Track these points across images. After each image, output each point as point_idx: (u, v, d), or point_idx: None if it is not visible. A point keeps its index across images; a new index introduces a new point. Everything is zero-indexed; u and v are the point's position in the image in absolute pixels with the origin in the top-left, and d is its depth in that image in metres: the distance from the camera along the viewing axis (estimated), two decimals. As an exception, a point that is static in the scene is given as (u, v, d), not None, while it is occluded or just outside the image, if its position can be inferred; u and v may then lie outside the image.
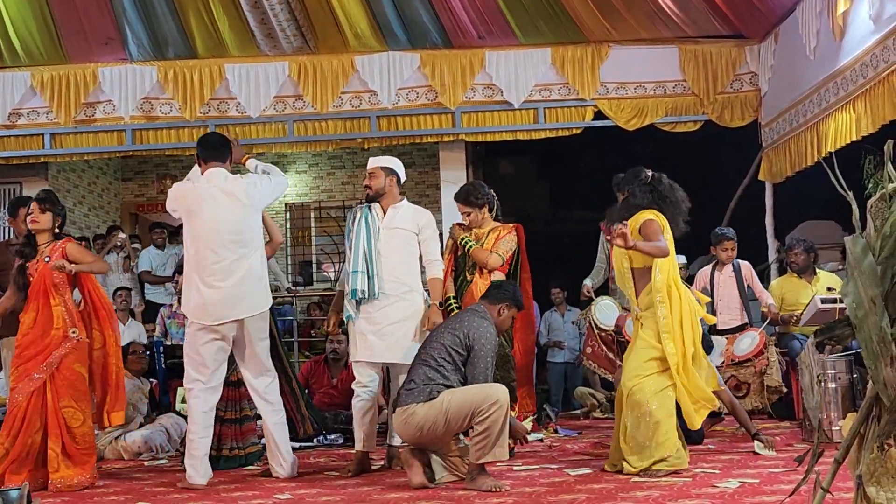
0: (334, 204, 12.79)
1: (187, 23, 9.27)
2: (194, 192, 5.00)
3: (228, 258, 4.86)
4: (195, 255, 4.92)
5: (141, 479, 5.31)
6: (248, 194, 4.96)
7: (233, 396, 5.64)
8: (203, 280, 4.86)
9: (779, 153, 8.89)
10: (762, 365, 6.14)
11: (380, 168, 5.34)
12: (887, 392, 2.27)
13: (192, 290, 4.92)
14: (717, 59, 9.33)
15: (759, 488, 4.01)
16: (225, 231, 4.88)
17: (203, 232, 4.90)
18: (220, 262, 4.86)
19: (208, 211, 4.90)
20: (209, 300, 4.85)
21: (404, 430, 4.59)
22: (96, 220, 12.12)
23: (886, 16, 6.55)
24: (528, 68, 9.41)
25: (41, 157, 9.84)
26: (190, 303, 4.94)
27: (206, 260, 4.87)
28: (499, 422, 4.34)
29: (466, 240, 5.77)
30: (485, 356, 4.59)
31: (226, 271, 4.85)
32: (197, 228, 4.93)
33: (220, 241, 4.87)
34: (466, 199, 5.81)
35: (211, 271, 4.85)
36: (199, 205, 4.93)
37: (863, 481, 2.30)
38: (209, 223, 4.89)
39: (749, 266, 6.75)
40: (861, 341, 2.33)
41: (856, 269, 2.33)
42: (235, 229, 4.91)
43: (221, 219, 4.89)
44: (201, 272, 4.87)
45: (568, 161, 15.48)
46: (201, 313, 4.88)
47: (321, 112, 9.49)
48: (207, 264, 4.86)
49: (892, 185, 2.36)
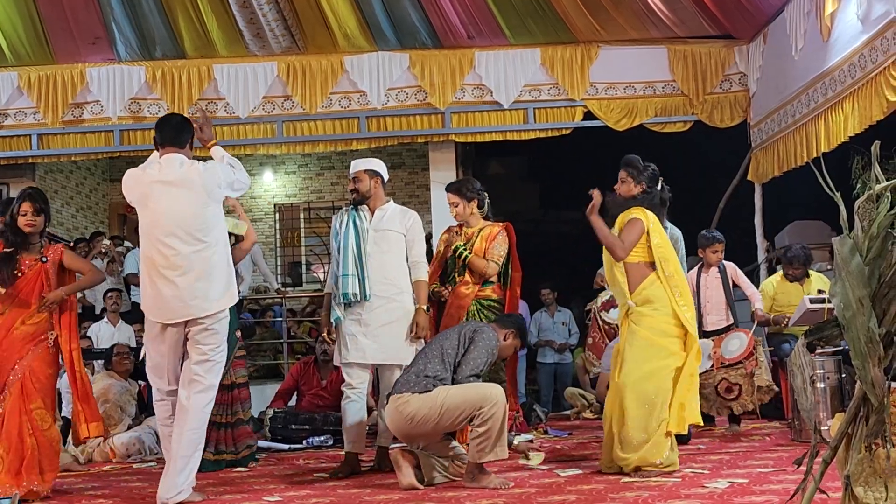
0: (323, 205, 12.77)
1: (175, 22, 9.23)
2: (145, 179, 4.52)
3: (184, 251, 4.41)
4: (147, 248, 4.49)
5: (129, 482, 5.29)
6: (204, 182, 4.46)
7: (225, 400, 5.61)
8: (160, 274, 4.44)
9: (767, 154, 8.92)
10: (752, 367, 6.15)
11: (363, 171, 5.32)
12: (875, 392, 2.28)
13: (147, 285, 4.52)
14: (706, 59, 9.36)
15: (749, 488, 4.02)
16: (180, 222, 4.42)
17: (155, 222, 4.46)
18: (176, 255, 4.41)
19: (159, 200, 4.45)
20: (166, 296, 4.41)
21: (395, 418, 4.57)
22: (84, 221, 12.07)
23: (874, 16, 6.57)
24: (517, 68, 9.42)
25: (28, 158, 9.79)
26: (146, 300, 4.54)
27: (159, 253, 4.46)
28: (498, 421, 4.39)
29: (462, 249, 5.73)
30: (480, 351, 4.63)
31: (181, 266, 4.40)
32: (147, 219, 4.50)
33: (173, 232, 4.41)
34: (458, 190, 5.84)
35: (166, 265, 4.41)
36: (150, 193, 4.48)
37: (851, 481, 2.30)
38: (160, 213, 4.45)
39: (734, 266, 6.76)
40: (849, 341, 2.33)
41: (844, 269, 2.33)
42: (191, 220, 4.44)
43: (176, 209, 4.42)
44: (155, 266, 4.45)
45: (558, 161, 15.51)
46: (156, 310, 4.48)
47: (310, 112, 9.47)
48: (161, 257, 4.42)
49: (879, 186, 2.36)
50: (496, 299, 5.70)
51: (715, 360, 6.27)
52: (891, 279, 2.32)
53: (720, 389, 6.21)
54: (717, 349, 6.31)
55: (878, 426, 2.32)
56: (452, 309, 5.64)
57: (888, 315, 2.33)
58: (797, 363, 5.39)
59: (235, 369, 5.72)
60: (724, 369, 6.23)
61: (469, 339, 4.69)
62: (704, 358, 6.28)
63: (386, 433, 5.23)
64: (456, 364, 4.62)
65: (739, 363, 6.18)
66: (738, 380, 6.17)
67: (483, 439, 4.39)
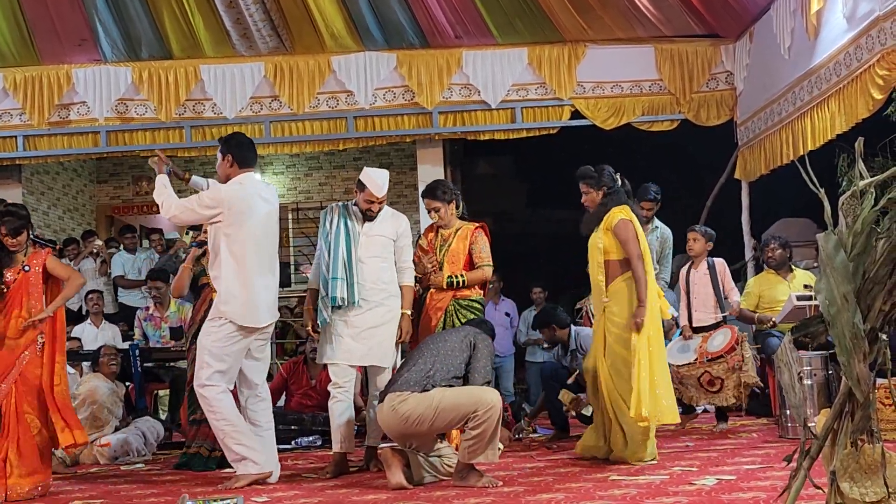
0: (312, 205, 12.74)
1: (161, 23, 9.19)
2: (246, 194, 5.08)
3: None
4: (254, 255, 5.03)
5: (117, 483, 5.27)
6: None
7: None
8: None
9: (754, 152, 8.95)
10: (735, 361, 6.17)
11: (385, 195, 5.30)
12: (860, 388, 2.29)
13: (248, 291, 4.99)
14: (692, 58, 9.38)
15: (736, 485, 4.03)
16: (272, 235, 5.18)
17: (259, 233, 5.05)
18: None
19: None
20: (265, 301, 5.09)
21: (390, 416, 4.55)
22: (71, 222, 12.01)
23: (859, 14, 6.60)
24: (505, 68, 9.42)
25: (15, 160, 9.71)
26: (242, 306, 4.98)
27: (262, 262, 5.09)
28: (493, 425, 4.43)
29: (455, 279, 5.56)
30: (487, 359, 4.72)
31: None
32: (252, 229, 5.03)
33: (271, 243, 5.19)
34: (435, 194, 5.64)
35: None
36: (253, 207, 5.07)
37: (837, 477, 2.31)
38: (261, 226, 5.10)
39: (723, 263, 6.78)
40: (834, 338, 2.34)
41: (828, 265, 2.34)
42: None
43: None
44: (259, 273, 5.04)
45: (546, 160, 15.51)
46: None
47: (298, 113, 9.45)
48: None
49: (863, 183, 2.37)
50: (475, 299, 5.62)
51: (699, 353, 6.30)
52: (875, 275, 2.32)
53: (703, 381, 6.24)
54: (703, 344, 6.35)
55: (863, 422, 2.33)
56: (431, 310, 5.59)
57: (873, 311, 2.33)
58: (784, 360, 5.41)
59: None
60: (706, 363, 6.26)
61: (472, 345, 4.72)
62: (690, 351, 6.34)
63: (375, 433, 5.23)
64: (465, 369, 4.67)
65: (721, 357, 6.20)
66: (721, 374, 6.20)
67: (475, 441, 4.42)
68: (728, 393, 6.17)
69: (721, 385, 6.19)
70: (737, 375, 6.15)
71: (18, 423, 4.85)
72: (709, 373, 6.23)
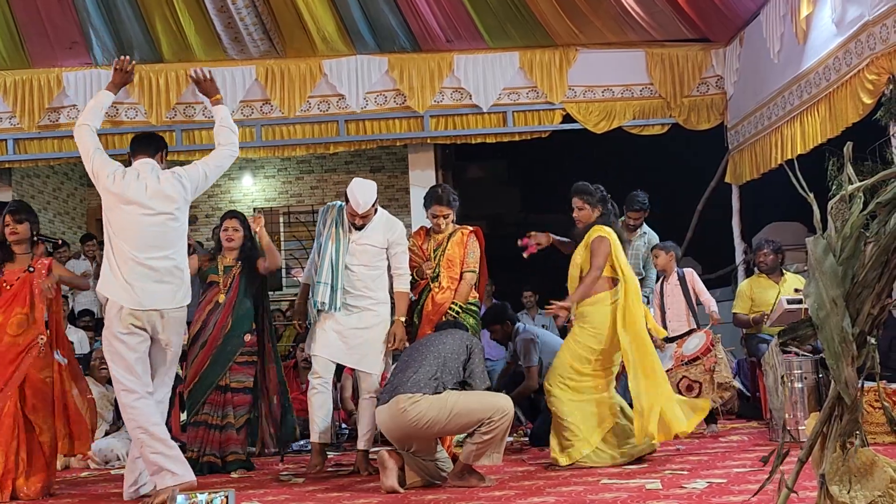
0: (303, 209, 12.73)
1: (153, 26, 9.18)
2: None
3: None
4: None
5: (107, 488, 5.25)
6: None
7: (217, 401, 5.56)
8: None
9: (744, 156, 8.98)
10: (711, 363, 6.21)
11: (372, 208, 5.26)
12: (849, 392, 2.29)
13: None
14: (683, 62, 9.41)
15: (727, 488, 4.04)
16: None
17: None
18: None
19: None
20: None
21: (399, 417, 4.46)
22: (62, 226, 11.98)
23: (848, 19, 6.63)
24: (496, 72, 9.44)
25: (5, 163, 9.70)
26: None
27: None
28: (503, 431, 4.53)
29: (458, 308, 5.53)
30: (482, 360, 4.79)
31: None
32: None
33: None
34: (448, 202, 5.58)
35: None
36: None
37: (826, 480, 2.32)
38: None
39: (692, 272, 6.91)
40: (823, 341, 2.35)
41: (817, 269, 2.35)
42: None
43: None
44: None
45: (538, 164, 15.54)
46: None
47: (289, 116, 9.45)
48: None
49: (852, 187, 2.38)
50: (473, 302, 5.63)
51: (676, 357, 6.34)
52: (864, 279, 2.33)
53: (681, 387, 6.26)
54: (678, 349, 6.40)
55: (851, 425, 2.34)
56: (433, 315, 5.58)
57: (861, 315, 2.34)
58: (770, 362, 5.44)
59: (233, 373, 5.59)
60: (683, 367, 6.28)
61: (469, 349, 4.76)
62: (666, 358, 6.38)
63: (366, 436, 5.22)
64: (465, 373, 4.71)
65: (697, 359, 6.24)
66: (699, 377, 6.23)
67: (484, 445, 4.50)
68: (707, 396, 6.19)
69: (699, 389, 6.22)
70: (711, 376, 6.19)
71: (25, 425, 4.86)
72: (686, 377, 6.26)
